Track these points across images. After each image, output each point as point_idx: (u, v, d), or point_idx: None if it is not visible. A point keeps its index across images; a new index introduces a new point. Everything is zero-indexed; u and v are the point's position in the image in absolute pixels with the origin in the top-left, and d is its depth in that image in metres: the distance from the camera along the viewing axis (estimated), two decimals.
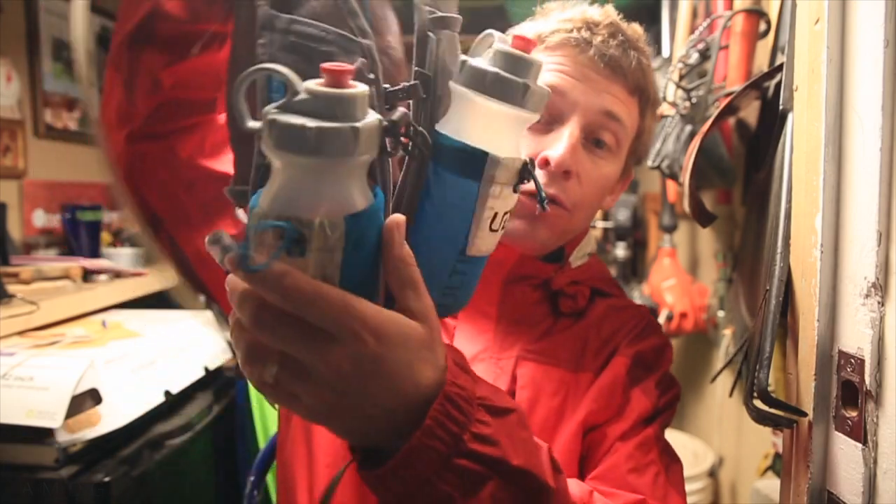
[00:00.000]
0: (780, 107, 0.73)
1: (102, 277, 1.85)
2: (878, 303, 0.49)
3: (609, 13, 0.75)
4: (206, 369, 1.71)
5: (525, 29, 0.76)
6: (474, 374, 0.50)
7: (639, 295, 2.16)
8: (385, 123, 0.40)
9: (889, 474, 0.48)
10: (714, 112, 1.16)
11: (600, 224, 2.72)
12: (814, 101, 0.55)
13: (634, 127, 0.76)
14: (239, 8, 0.49)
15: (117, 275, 1.91)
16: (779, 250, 0.62)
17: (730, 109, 1.06)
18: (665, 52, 1.89)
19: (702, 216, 1.01)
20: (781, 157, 0.71)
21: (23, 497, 1.18)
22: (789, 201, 0.61)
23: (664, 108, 1.48)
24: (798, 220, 0.58)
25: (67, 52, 2.40)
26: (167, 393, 1.50)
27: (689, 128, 1.34)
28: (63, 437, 1.20)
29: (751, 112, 1.16)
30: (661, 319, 1.89)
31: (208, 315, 1.91)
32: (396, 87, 0.46)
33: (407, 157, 0.47)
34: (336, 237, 0.39)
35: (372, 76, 0.44)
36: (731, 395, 1.16)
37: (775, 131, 0.77)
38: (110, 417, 1.29)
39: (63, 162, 2.35)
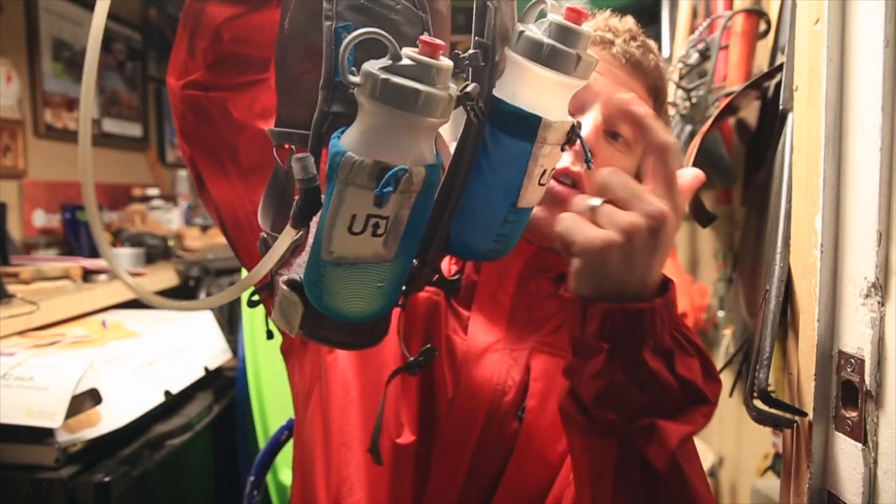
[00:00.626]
0: (780, 107, 0.74)
1: (102, 277, 1.85)
2: (878, 303, 0.49)
3: (628, 20, 0.77)
4: (206, 369, 1.71)
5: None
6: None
7: None
8: (459, 94, 0.46)
9: (889, 474, 0.48)
10: (714, 112, 1.16)
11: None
12: (814, 101, 0.55)
13: None
14: None
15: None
16: (779, 250, 0.62)
17: (730, 109, 1.06)
18: (665, 52, 1.89)
19: (702, 216, 1.01)
20: (781, 157, 0.71)
21: (23, 497, 1.18)
22: (789, 201, 0.61)
23: None
24: (798, 220, 0.58)
25: (68, 52, 2.40)
26: (167, 393, 1.50)
27: (689, 128, 1.34)
28: (63, 437, 1.20)
29: (751, 112, 1.16)
30: None
31: (208, 315, 1.91)
32: (460, 56, 0.49)
33: (466, 118, 0.51)
34: (417, 183, 0.44)
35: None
36: (731, 395, 1.16)
37: (775, 131, 0.77)
38: (110, 417, 1.29)
39: (63, 162, 2.35)
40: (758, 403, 0.58)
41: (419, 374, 0.70)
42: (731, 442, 1.90)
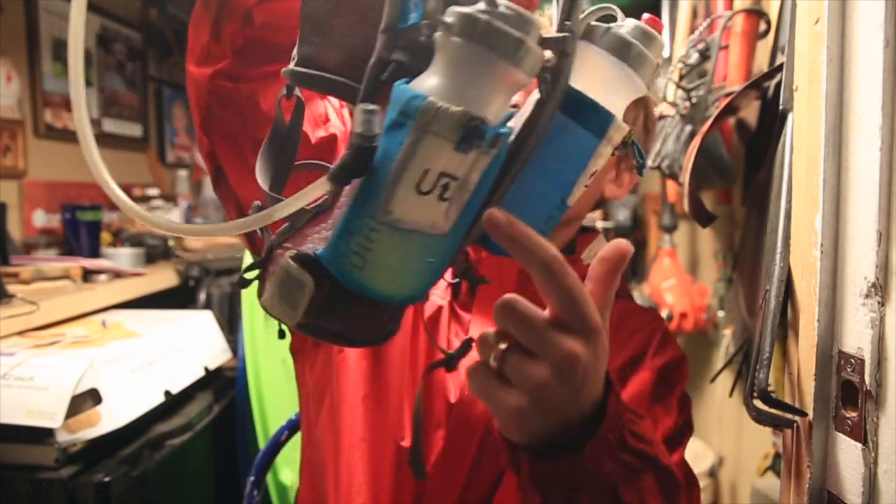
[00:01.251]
0: (780, 107, 0.73)
1: (102, 277, 1.85)
2: (878, 303, 0.49)
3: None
4: (206, 369, 1.71)
5: None
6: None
7: (639, 295, 2.16)
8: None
9: (889, 474, 0.48)
10: (714, 112, 1.16)
11: (600, 224, 2.71)
12: (814, 101, 0.55)
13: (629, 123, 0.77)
14: None
15: (117, 275, 1.91)
16: (779, 250, 0.62)
17: (730, 109, 1.06)
18: (665, 52, 1.89)
19: (702, 216, 1.01)
20: (781, 157, 0.71)
21: (23, 497, 1.18)
22: (789, 201, 0.61)
23: (664, 108, 1.48)
24: (798, 220, 0.58)
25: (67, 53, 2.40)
26: (167, 393, 1.50)
27: (689, 128, 1.34)
28: (63, 437, 1.20)
29: (751, 112, 1.16)
30: None
31: (208, 315, 1.91)
32: (550, 36, 0.44)
33: (537, 100, 0.46)
34: (496, 143, 0.40)
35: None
36: (731, 395, 1.16)
37: (775, 131, 0.77)
38: (110, 417, 1.29)
39: (63, 162, 2.35)
40: (758, 403, 0.58)
41: (452, 371, 0.68)
42: (731, 442, 1.90)
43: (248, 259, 0.86)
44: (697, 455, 2.00)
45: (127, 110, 2.78)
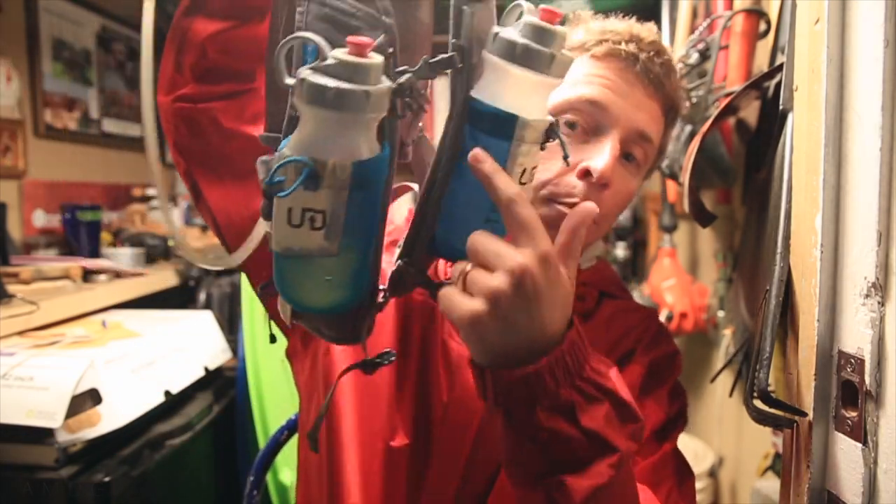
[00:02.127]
0: (780, 107, 0.74)
1: (102, 277, 1.85)
2: (878, 303, 0.49)
3: (652, 30, 0.76)
4: (206, 369, 1.71)
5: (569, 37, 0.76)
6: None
7: (639, 295, 2.16)
8: (394, 87, 0.48)
9: (889, 474, 0.48)
10: (714, 112, 1.16)
11: None
12: (814, 101, 0.55)
13: (659, 143, 0.78)
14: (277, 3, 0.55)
15: (117, 275, 1.91)
16: (779, 250, 0.62)
17: (730, 109, 1.06)
18: None
19: (702, 216, 1.01)
20: (781, 157, 0.71)
21: (23, 497, 1.18)
22: (789, 201, 0.61)
23: None
24: (798, 220, 0.58)
25: (67, 52, 2.40)
26: (167, 393, 1.50)
27: (689, 128, 1.34)
28: (63, 437, 1.20)
29: (751, 112, 1.16)
30: (661, 319, 1.89)
31: (208, 315, 1.91)
32: (436, 59, 0.52)
33: (446, 120, 0.53)
34: (344, 178, 0.46)
35: (391, 50, 0.50)
36: (731, 395, 1.16)
37: (775, 131, 0.77)
38: (110, 417, 1.29)
39: (63, 162, 2.35)
40: (758, 403, 0.58)
41: (414, 376, 0.70)
42: (731, 442, 1.90)
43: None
44: (697, 455, 2.00)
45: (127, 110, 2.78)
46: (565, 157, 0.57)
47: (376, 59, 0.46)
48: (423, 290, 0.59)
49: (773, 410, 0.57)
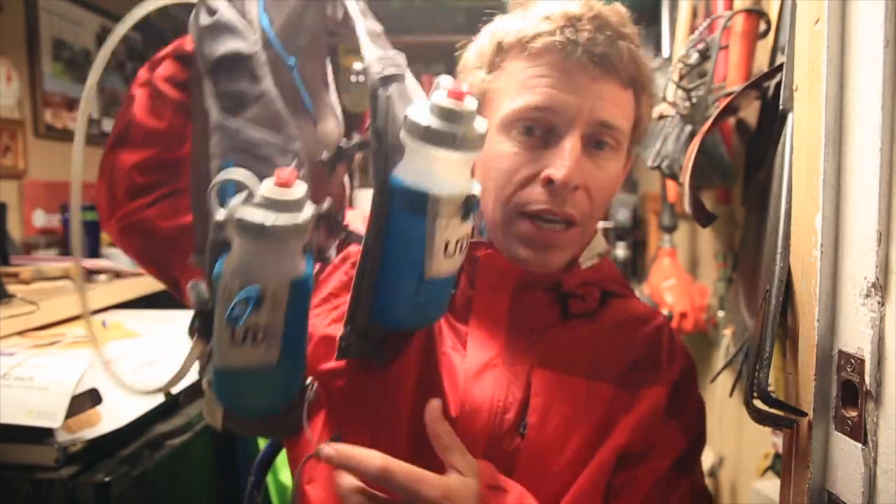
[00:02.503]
0: (780, 107, 0.73)
1: (102, 277, 1.85)
2: (878, 303, 0.49)
3: (594, 4, 0.70)
4: None
5: (505, 27, 0.72)
6: (504, 483, 0.64)
7: (639, 295, 2.16)
8: (319, 213, 0.54)
9: (889, 474, 0.48)
10: (714, 112, 1.16)
11: (600, 224, 2.71)
12: (814, 101, 0.55)
13: (631, 118, 0.74)
14: (196, 112, 0.61)
15: (117, 275, 1.91)
16: (779, 250, 0.62)
17: (730, 109, 1.06)
18: (665, 52, 1.88)
19: (702, 216, 1.01)
20: (781, 157, 0.71)
21: (23, 497, 1.18)
22: (789, 201, 0.61)
23: (664, 108, 1.48)
24: (798, 220, 0.58)
25: (68, 52, 2.40)
26: (167, 393, 1.50)
27: (689, 128, 1.34)
28: (63, 437, 1.20)
29: (751, 112, 1.16)
30: None
31: None
32: (354, 142, 0.58)
33: (372, 197, 0.57)
34: (282, 297, 0.51)
35: (303, 171, 0.55)
36: (731, 395, 1.16)
37: (775, 131, 0.77)
38: (110, 417, 1.29)
39: (63, 162, 2.35)
40: (758, 403, 0.58)
41: (414, 392, 0.71)
42: (731, 442, 1.90)
43: None
44: None
45: None
46: (481, 232, 0.62)
47: (300, 188, 0.51)
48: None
49: (773, 410, 0.57)
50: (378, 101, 0.56)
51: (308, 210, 0.51)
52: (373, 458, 0.57)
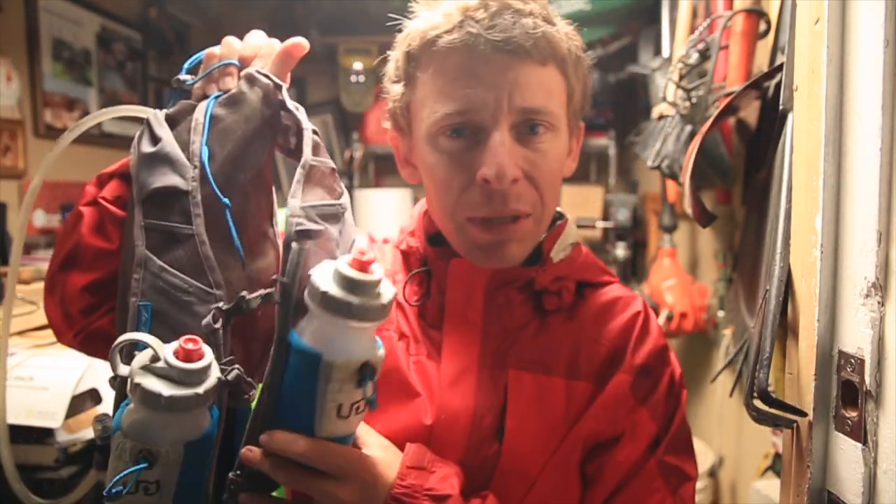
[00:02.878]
0: (780, 107, 0.74)
1: None
2: (878, 303, 0.49)
3: None
4: None
5: (411, 32, 0.70)
6: (432, 465, 0.65)
7: (639, 295, 2.16)
8: (223, 381, 0.54)
9: (889, 474, 0.48)
10: (714, 112, 1.16)
11: (600, 224, 2.71)
12: (814, 101, 0.55)
13: (562, 92, 0.71)
14: (127, 244, 0.60)
15: None
16: (779, 250, 0.62)
17: (730, 109, 1.06)
18: (665, 52, 1.89)
19: (702, 216, 1.01)
20: (781, 157, 0.71)
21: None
22: (789, 201, 0.61)
23: (664, 108, 1.48)
24: (798, 220, 0.58)
25: (67, 52, 2.40)
26: None
27: (689, 128, 1.34)
28: (63, 437, 1.20)
29: (751, 112, 1.16)
30: (661, 319, 1.89)
31: None
32: (254, 295, 0.56)
33: (272, 349, 0.56)
34: (176, 457, 0.53)
35: (218, 325, 0.55)
36: (731, 395, 1.16)
37: (775, 131, 0.77)
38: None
39: (63, 162, 2.34)
40: (758, 403, 0.58)
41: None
42: (731, 442, 1.91)
43: None
44: (697, 455, 2.00)
45: None
46: (368, 400, 0.61)
47: (206, 359, 0.51)
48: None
49: (773, 410, 0.57)
50: (290, 254, 0.55)
51: (212, 377, 0.52)
52: (294, 441, 0.57)
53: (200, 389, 0.51)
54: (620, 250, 2.57)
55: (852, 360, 0.51)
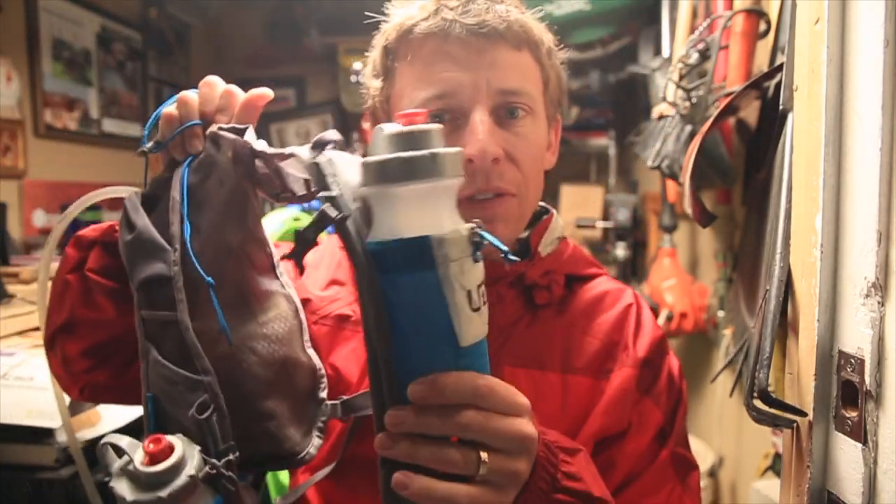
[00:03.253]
0: (780, 107, 0.74)
1: None
2: (878, 303, 0.49)
3: None
4: None
5: (388, 28, 0.72)
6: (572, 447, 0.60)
7: (639, 295, 2.16)
8: (213, 472, 0.51)
9: (889, 474, 0.48)
10: (714, 112, 1.16)
11: (600, 224, 2.72)
12: (814, 101, 0.55)
13: (538, 78, 0.72)
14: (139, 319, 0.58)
15: None
16: (779, 250, 0.62)
17: (730, 109, 1.06)
18: (665, 52, 1.89)
19: (702, 216, 1.01)
20: (781, 157, 0.71)
21: (23, 497, 1.18)
22: (789, 201, 0.61)
23: (664, 108, 1.48)
24: (798, 220, 0.58)
25: (67, 52, 2.40)
26: None
27: (689, 128, 1.34)
28: (63, 437, 1.20)
29: (751, 112, 1.16)
30: (661, 320, 1.89)
31: None
32: (311, 223, 0.47)
33: (356, 279, 0.48)
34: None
35: (213, 408, 0.53)
36: (731, 395, 1.16)
37: (775, 131, 0.77)
38: (110, 418, 1.29)
39: (63, 162, 2.35)
40: (758, 403, 0.58)
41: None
42: (731, 442, 1.91)
43: None
44: (697, 455, 1.99)
45: (127, 110, 2.78)
46: (505, 256, 0.53)
47: (173, 458, 0.50)
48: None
49: (773, 410, 0.57)
50: (321, 169, 0.50)
51: (182, 477, 0.50)
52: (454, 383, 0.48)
53: (164, 493, 0.49)
54: (620, 250, 2.57)
55: (852, 360, 0.51)
